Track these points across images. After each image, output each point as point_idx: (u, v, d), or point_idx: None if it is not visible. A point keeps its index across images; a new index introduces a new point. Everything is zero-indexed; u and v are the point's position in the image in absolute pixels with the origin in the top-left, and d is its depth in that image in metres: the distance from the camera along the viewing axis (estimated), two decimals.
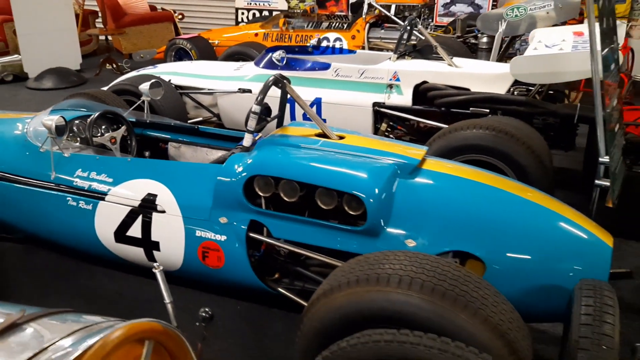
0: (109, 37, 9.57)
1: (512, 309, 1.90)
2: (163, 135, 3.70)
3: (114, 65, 8.69)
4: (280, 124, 3.11)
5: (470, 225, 2.41)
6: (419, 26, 5.01)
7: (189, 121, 5.11)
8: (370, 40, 7.53)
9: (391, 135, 4.80)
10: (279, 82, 2.83)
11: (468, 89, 4.47)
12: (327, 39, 7.67)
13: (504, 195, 2.53)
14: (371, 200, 2.39)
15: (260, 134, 3.00)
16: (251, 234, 2.62)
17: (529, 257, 2.35)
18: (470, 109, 4.37)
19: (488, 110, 4.30)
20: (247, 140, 2.77)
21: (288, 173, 2.52)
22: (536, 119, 4.23)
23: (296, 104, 4.81)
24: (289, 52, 5.46)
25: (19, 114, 3.65)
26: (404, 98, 4.61)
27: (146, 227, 2.80)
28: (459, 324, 1.74)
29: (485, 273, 2.35)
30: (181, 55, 7.86)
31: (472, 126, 3.34)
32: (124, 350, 1.33)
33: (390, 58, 4.82)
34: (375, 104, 4.68)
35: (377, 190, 2.40)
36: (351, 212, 2.46)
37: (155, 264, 1.77)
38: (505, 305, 1.87)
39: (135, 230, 2.83)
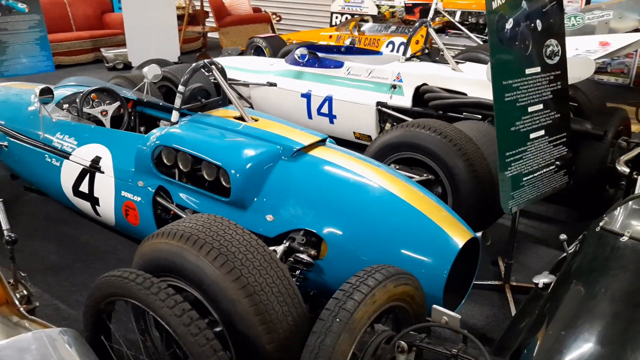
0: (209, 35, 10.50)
1: (284, 277, 2.04)
2: (156, 115, 4.19)
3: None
4: (222, 105, 3.42)
5: (322, 208, 2.54)
6: (430, 29, 4.99)
7: None
8: (433, 45, 7.49)
9: None
10: (206, 66, 3.15)
11: (464, 94, 4.41)
12: (393, 43, 7.77)
13: (365, 185, 2.60)
14: (238, 175, 2.62)
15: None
16: (157, 198, 2.98)
17: (370, 244, 2.43)
18: (464, 113, 4.32)
19: (480, 116, 4.23)
20: (174, 116, 3.14)
21: (182, 145, 2.84)
22: None
23: (312, 97, 5.13)
24: (325, 51, 5.74)
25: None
26: (405, 99, 4.67)
27: (91, 184, 3.28)
28: (207, 271, 1.94)
29: (327, 253, 2.48)
30: (258, 52, 8.47)
31: (412, 125, 3.37)
32: None
33: (399, 60, 4.89)
34: (378, 103, 4.79)
35: (245, 167, 2.63)
36: (224, 185, 2.71)
37: None
38: (273, 272, 2.02)
39: (84, 187, 3.32)
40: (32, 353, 1.49)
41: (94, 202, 3.30)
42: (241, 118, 3.12)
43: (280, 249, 2.47)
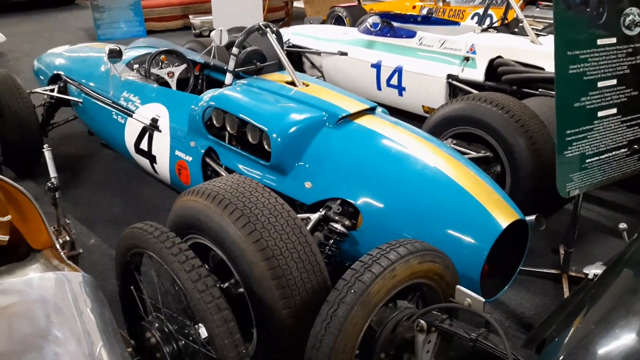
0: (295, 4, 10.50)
1: (305, 243, 2.00)
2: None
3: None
4: (277, 70, 3.38)
5: (361, 178, 2.45)
6: None
7: None
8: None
9: None
10: (261, 29, 3.12)
11: (542, 68, 4.10)
12: (479, 15, 7.37)
13: (408, 157, 2.48)
14: (279, 139, 2.59)
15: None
16: (206, 158, 3.02)
17: (407, 218, 2.33)
18: (539, 89, 4.04)
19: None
20: (228, 79, 3.15)
21: (230, 107, 2.84)
22: None
23: (382, 68, 5.00)
24: (401, 20, 5.54)
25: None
26: (477, 72, 4.42)
27: (150, 142, 3.39)
28: (229, 231, 1.95)
29: (362, 224, 2.40)
30: (339, 22, 8.37)
31: (472, 98, 3.18)
32: None
33: (474, 30, 4.62)
34: (449, 76, 4.57)
35: (286, 132, 2.59)
36: (267, 149, 2.70)
37: (45, 145, 2.32)
38: (295, 237, 1.99)
39: (144, 144, 3.44)
40: (49, 291, 1.56)
41: (152, 159, 3.41)
42: (293, 83, 3.08)
43: (315, 217, 2.43)
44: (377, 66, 5.09)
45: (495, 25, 4.77)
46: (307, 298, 1.95)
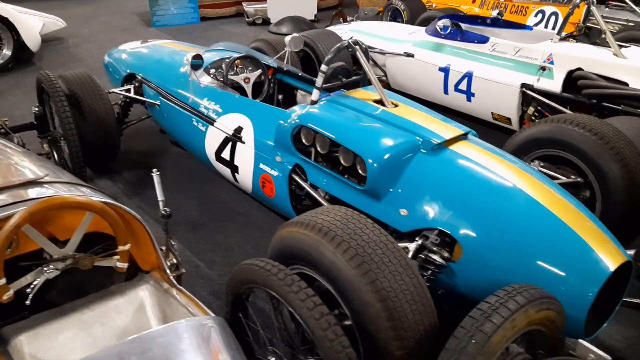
0: None
1: (418, 284, 2.01)
2: (295, 84, 4.25)
3: (343, 19, 9.50)
4: (361, 85, 3.37)
5: (460, 209, 2.44)
6: (592, 7, 4.50)
7: None
8: (590, 17, 6.80)
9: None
10: (350, 46, 3.10)
11: (626, 84, 3.98)
12: (543, 12, 7.19)
13: (509, 190, 2.46)
14: (375, 165, 2.59)
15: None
16: (293, 175, 3.05)
17: (507, 252, 2.32)
18: (622, 106, 3.93)
19: None
20: (315, 95, 3.15)
21: (322, 128, 2.85)
22: None
23: (450, 72, 4.94)
24: (469, 22, 5.44)
25: (192, 48, 4.60)
26: (554, 83, 4.32)
27: (232, 152, 3.43)
28: (342, 269, 1.96)
29: (462, 257, 2.40)
30: (396, 15, 8.26)
31: (562, 121, 3.11)
32: (70, 212, 1.98)
33: (552, 39, 4.50)
34: (523, 85, 4.48)
35: (382, 158, 2.59)
36: (361, 173, 2.70)
37: (154, 169, 2.37)
38: (408, 278, 2.00)
39: (226, 154, 3.49)
40: (186, 340, 1.61)
41: (234, 169, 3.46)
42: (381, 102, 3.06)
43: (412, 246, 2.44)
44: (445, 70, 5.03)
45: (574, 34, 4.64)
46: (420, 340, 1.97)
